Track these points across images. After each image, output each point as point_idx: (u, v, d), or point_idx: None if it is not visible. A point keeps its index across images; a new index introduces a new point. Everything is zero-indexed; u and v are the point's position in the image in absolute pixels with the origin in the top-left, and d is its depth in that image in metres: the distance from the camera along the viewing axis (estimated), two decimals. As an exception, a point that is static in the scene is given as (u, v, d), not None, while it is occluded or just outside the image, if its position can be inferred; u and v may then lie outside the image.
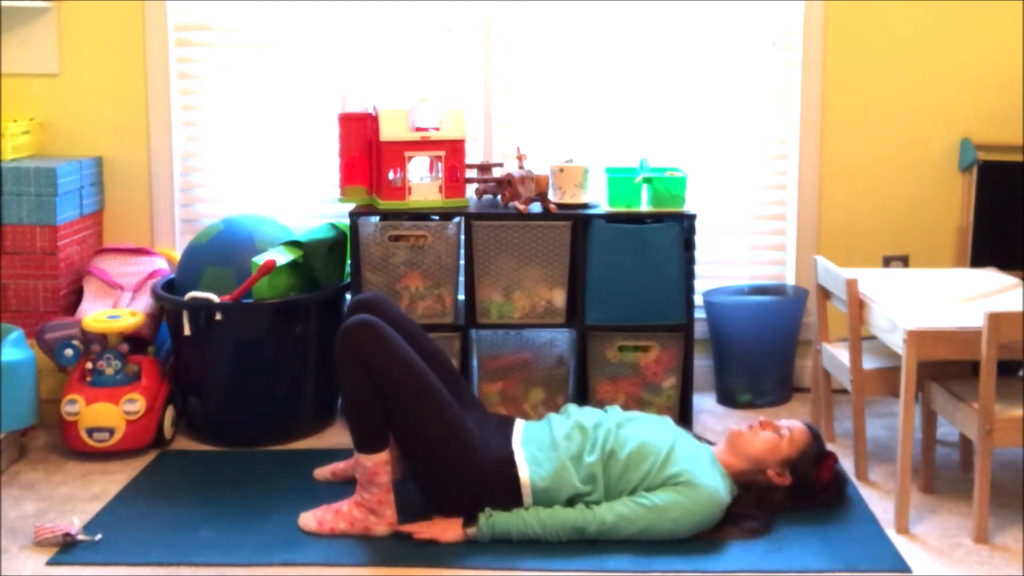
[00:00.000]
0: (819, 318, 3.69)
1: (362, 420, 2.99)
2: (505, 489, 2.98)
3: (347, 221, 3.75)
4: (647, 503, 2.94)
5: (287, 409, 3.71)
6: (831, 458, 3.18)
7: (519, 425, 3.19)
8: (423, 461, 3.01)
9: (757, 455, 3.10)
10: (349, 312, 3.25)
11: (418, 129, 3.70)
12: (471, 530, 2.95)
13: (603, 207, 3.76)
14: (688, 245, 3.70)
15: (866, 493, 3.30)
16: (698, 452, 3.09)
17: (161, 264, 4.04)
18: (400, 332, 3.06)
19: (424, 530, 2.98)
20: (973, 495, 3.00)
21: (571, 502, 2.98)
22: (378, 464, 2.99)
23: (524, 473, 2.98)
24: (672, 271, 3.68)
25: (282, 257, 3.59)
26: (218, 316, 3.54)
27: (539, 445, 3.07)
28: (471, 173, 3.83)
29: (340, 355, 2.97)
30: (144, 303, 3.87)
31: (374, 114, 3.71)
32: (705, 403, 4.09)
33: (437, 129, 3.70)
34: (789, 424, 3.17)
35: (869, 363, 3.41)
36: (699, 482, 2.96)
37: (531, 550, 2.90)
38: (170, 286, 3.81)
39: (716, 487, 2.98)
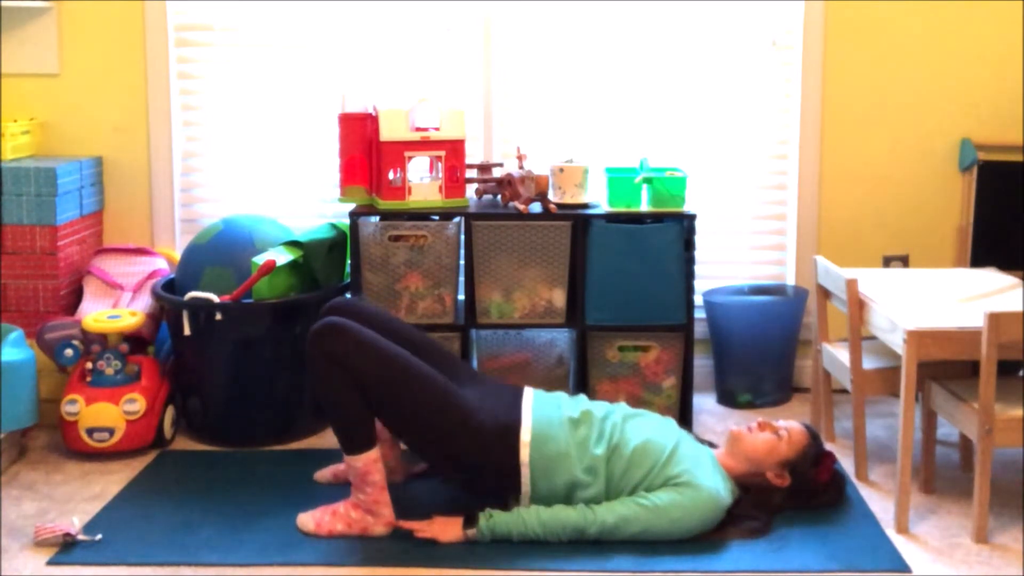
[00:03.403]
0: (819, 318, 3.69)
1: (346, 421, 2.98)
2: (505, 453, 2.96)
3: (347, 221, 3.75)
4: (647, 504, 2.93)
5: (287, 409, 3.71)
6: (830, 458, 3.18)
7: (528, 393, 3.16)
8: (423, 442, 3.01)
9: (755, 456, 3.10)
10: (319, 319, 3.21)
11: (418, 129, 3.70)
12: (471, 531, 2.95)
13: (603, 207, 3.75)
14: (688, 245, 3.70)
15: (866, 493, 3.30)
16: (700, 454, 3.09)
17: (161, 264, 4.04)
18: (374, 328, 3.05)
19: (424, 529, 2.98)
20: (973, 495, 3.00)
21: (568, 490, 2.98)
22: (368, 463, 2.98)
23: (526, 436, 2.97)
24: (672, 271, 3.68)
25: (282, 257, 3.59)
26: (218, 316, 3.54)
27: (549, 421, 3.04)
28: (471, 173, 3.83)
29: (313, 359, 2.95)
30: (144, 303, 3.87)
31: (374, 114, 3.71)
32: (705, 403, 4.09)
33: (437, 129, 3.70)
34: (787, 425, 3.16)
35: (869, 363, 3.41)
36: (700, 483, 2.96)
37: (531, 550, 2.90)
38: (170, 286, 3.81)
39: (717, 489, 2.98)
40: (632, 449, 3.00)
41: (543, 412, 3.07)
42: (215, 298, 3.55)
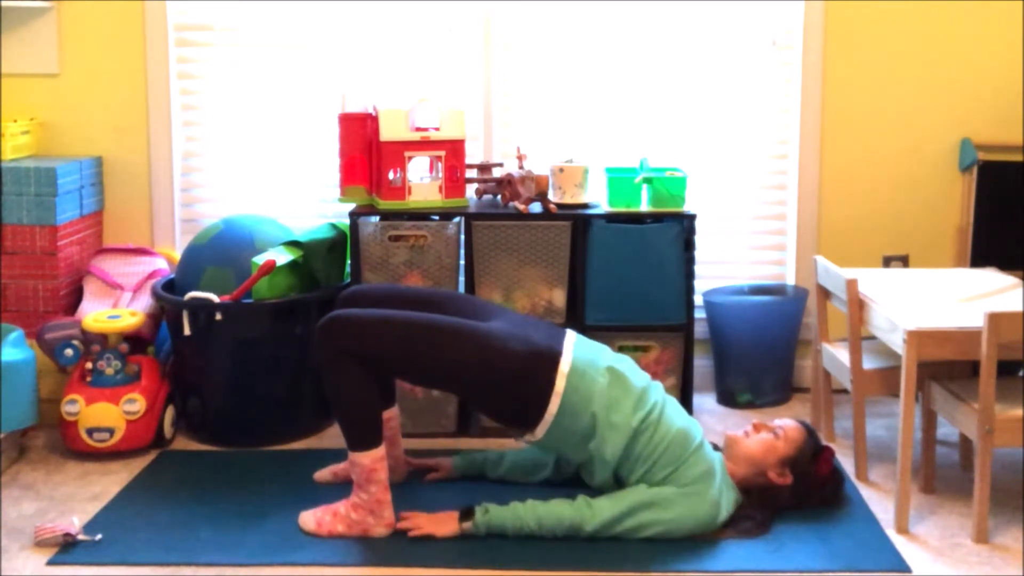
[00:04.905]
0: (819, 318, 3.69)
1: (355, 416, 2.98)
2: (541, 378, 2.94)
3: (347, 221, 3.75)
4: (646, 498, 2.93)
5: (287, 409, 3.70)
6: (827, 451, 3.17)
7: (571, 334, 3.12)
8: (458, 383, 3.02)
9: (755, 457, 3.09)
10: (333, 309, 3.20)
11: (418, 129, 3.70)
12: (467, 524, 2.95)
13: (603, 207, 3.76)
14: (688, 245, 3.70)
15: (866, 493, 3.30)
16: (715, 458, 3.08)
17: (161, 264, 4.04)
18: (389, 306, 3.06)
19: (421, 522, 2.98)
20: (973, 495, 3.00)
21: (586, 434, 2.95)
22: (375, 460, 2.98)
23: (565, 367, 2.95)
24: (672, 271, 3.68)
25: (282, 257, 3.59)
26: (218, 316, 3.54)
27: (589, 362, 3.00)
28: (471, 173, 3.83)
29: (323, 355, 2.95)
30: (144, 303, 3.87)
31: (374, 114, 3.71)
32: (705, 403, 4.09)
33: (437, 129, 3.70)
34: (782, 423, 3.16)
35: (869, 363, 3.41)
36: (707, 492, 2.96)
37: (530, 551, 2.90)
38: (170, 286, 3.81)
39: (718, 500, 2.98)
40: (666, 433, 2.98)
41: (584, 354, 3.04)
42: (215, 298, 3.56)
